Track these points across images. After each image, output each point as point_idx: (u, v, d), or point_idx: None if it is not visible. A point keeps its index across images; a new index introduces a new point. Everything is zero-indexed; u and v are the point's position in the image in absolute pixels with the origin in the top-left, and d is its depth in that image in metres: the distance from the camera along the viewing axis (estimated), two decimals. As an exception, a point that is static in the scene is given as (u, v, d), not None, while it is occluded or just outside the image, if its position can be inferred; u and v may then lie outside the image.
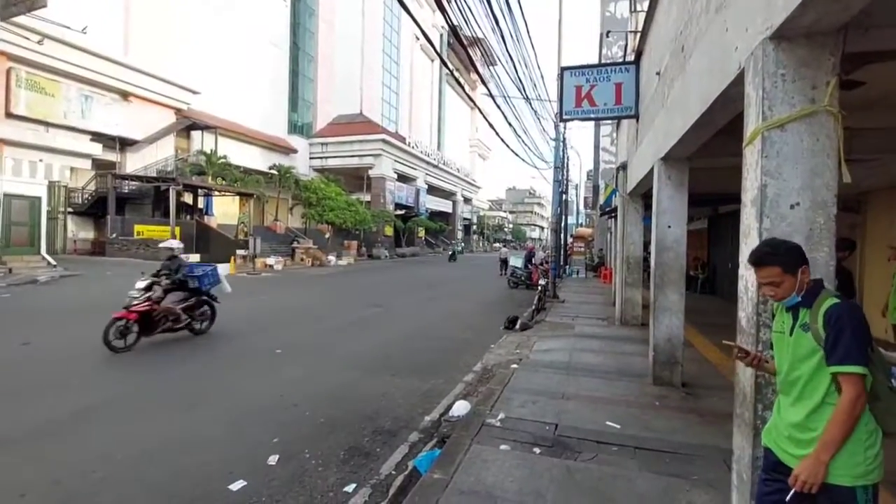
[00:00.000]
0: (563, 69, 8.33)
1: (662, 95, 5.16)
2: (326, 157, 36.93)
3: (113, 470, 3.26)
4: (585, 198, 38.38)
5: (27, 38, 17.52)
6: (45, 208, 15.67)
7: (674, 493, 2.86)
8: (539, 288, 11.64)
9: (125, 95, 21.99)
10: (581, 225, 42.41)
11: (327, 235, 30.02)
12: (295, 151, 34.80)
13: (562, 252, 19.04)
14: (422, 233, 45.26)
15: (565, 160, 20.66)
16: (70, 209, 20.79)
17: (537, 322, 9.19)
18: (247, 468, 3.33)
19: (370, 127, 37.78)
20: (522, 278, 16.39)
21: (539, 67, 15.10)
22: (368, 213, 32.81)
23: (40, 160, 18.66)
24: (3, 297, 10.59)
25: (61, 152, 19.51)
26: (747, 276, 2.28)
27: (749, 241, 2.21)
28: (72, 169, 20.43)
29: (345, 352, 6.80)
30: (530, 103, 14.48)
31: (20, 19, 16.38)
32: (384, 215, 35.38)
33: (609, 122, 19.03)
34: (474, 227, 67.56)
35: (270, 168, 29.59)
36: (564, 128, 14.23)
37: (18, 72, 17.78)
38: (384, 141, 36.55)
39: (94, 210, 21.20)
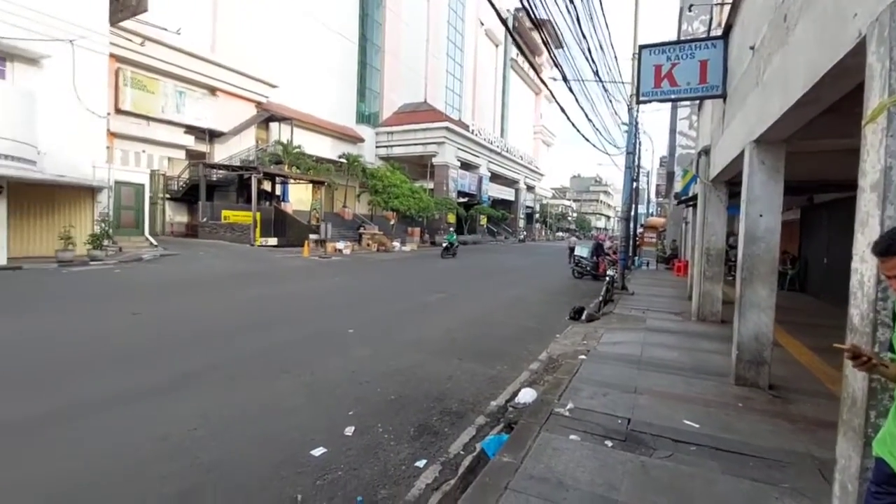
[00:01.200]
0: (641, 47, 7.85)
1: (757, 72, 4.72)
2: (392, 146, 37.77)
3: (211, 430, 3.63)
4: (658, 185, 36.17)
5: (131, 41, 19.48)
6: (147, 194, 17.51)
7: (761, 500, 2.68)
8: (607, 279, 11.23)
9: (213, 91, 23.83)
10: (652, 214, 40.12)
11: (392, 222, 30.85)
12: (362, 140, 35.93)
13: (631, 242, 18.16)
14: (484, 220, 45.12)
15: (637, 145, 19.57)
16: (167, 195, 23.06)
17: (605, 314, 8.89)
18: (326, 437, 3.57)
19: (434, 115, 38.04)
20: (588, 268, 15.87)
21: (613, 47, 14.33)
22: (432, 200, 33.20)
23: (143, 151, 20.88)
24: (115, 273, 12.05)
25: (160, 144, 21.68)
26: (862, 270, 2.06)
27: (867, 231, 1.99)
28: (169, 159, 22.64)
29: (411, 334, 7.01)
30: (603, 86, 13.81)
31: (126, 24, 18.26)
32: (447, 203, 35.65)
33: (689, 103, 17.71)
34: (537, 215, 66.15)
35: (340, 157, 30.81)
36: (637, 111, 13.45)
37: (125, 72, 19.87)
38: (447, 129, 36.67)
39: (187, 196, 23.37)
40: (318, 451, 3.35)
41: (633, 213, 17.70)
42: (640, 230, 25.45)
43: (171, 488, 2.84)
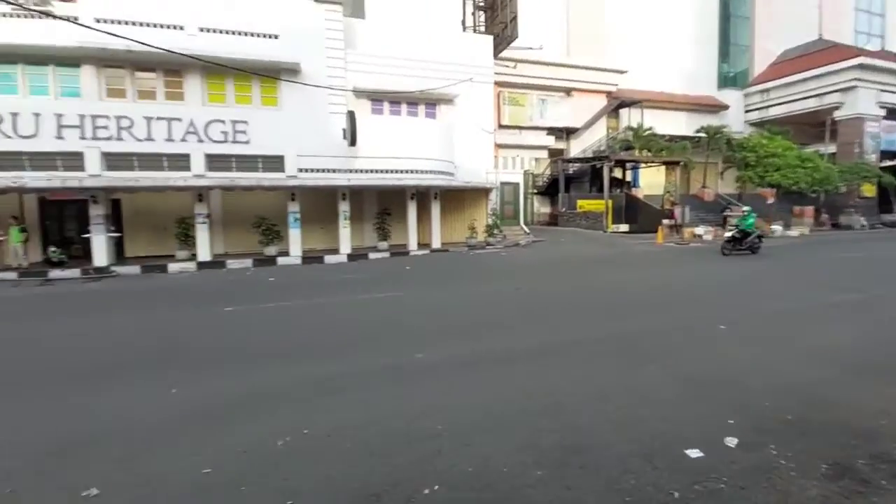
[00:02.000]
0: None
1: None
2: (768, 106, 30.49)
3: (580, 398, 4.03)
4: None
5: (506, 66, 23.64)
6: (521, 191, 21.21)
7: None
8: None
9: (568, 92, 25.99)
10: None
11: (770, 200, 25.05)
12: (725, 108, 30.73)
13: None
14: (933, 191, 29.97)
15: None
16: (534, 190, 27.02)
17: None
18: (701, 440, 3.32)
19: (835, 53, 28.03)
20: None
21: None
22: (833, 168, 24.93)
23: (517, 156, 25.19)
24: (501, 255, 15.24)
25: (529, 147, 25.53)
26: None
27: None
28: (535, 159, 26.37)
29: (810, 342, 5.57)
30: None
31: (503, 52, 22.31)
32: (860, 169, 25.83)
33: None
34: None
35: (697, 131, 27.44)
36: None
37: (503, 93, 24.38)
38: (861, 66, 26.28)
39: (549, 190, 26.70)
40: (693, 453, 3.18)
41: None
42: None
43: (551, 441, 3.34)
